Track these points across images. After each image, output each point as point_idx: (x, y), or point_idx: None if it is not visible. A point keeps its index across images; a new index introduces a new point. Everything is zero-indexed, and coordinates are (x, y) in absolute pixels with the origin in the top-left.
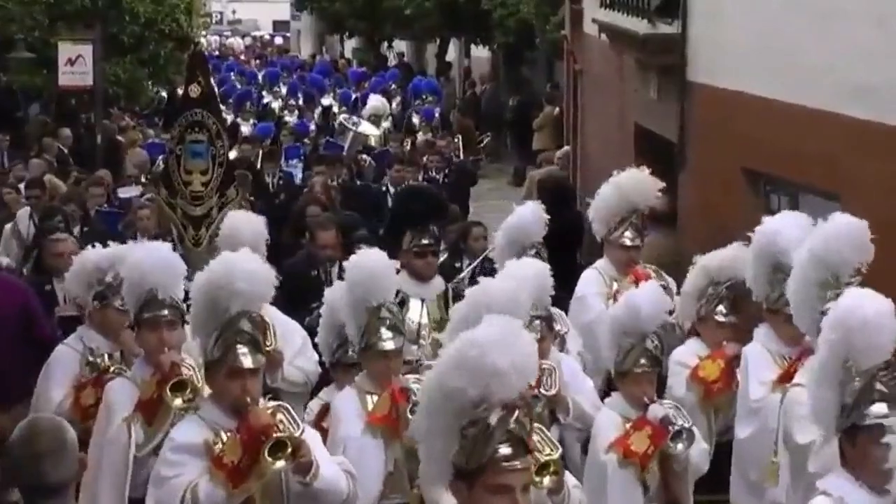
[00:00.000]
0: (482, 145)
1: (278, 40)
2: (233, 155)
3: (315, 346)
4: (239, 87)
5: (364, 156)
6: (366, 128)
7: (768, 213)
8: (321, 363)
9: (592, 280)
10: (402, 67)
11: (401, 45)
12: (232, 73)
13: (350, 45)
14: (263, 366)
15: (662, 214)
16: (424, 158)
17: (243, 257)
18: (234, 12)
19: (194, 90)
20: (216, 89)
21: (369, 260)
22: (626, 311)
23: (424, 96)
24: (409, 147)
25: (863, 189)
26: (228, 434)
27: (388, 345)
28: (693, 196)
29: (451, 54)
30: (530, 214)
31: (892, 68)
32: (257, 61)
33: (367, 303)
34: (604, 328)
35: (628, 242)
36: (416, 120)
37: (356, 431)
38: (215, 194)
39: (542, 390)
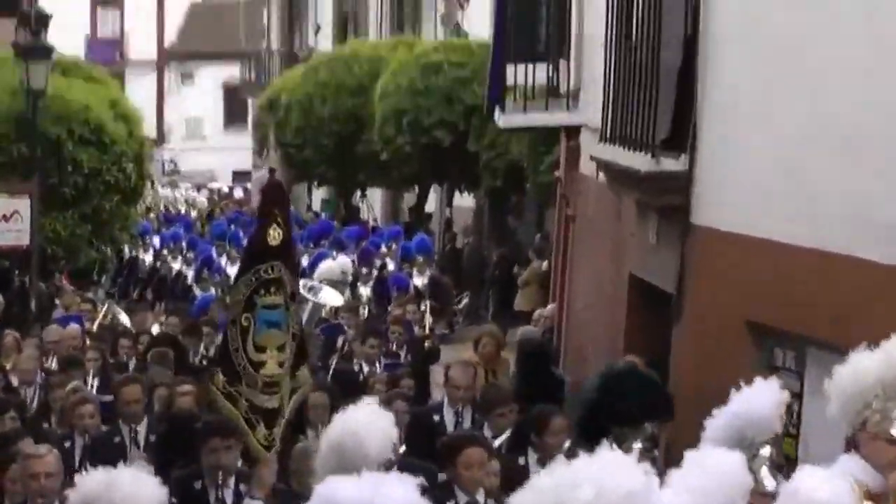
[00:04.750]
0: (459, 306)
1: (238, 192)
2: (156, 329)
3: None
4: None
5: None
6: (327, 296)
7: (770, 370)
8: None
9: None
10: (410, 221)
11: (374, 194)
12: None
13: (318, 195)
14: None
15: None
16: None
17: None
18: (174, 162)
19: (274, 236)
20: None
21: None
22: None
23: (415, 259)
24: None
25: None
26: None
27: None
28: (688, 351)
29: (431, 204)
30: (767, 398)
31: None
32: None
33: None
34: None
35: None
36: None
37: None
38: (287, 377)
39: None
